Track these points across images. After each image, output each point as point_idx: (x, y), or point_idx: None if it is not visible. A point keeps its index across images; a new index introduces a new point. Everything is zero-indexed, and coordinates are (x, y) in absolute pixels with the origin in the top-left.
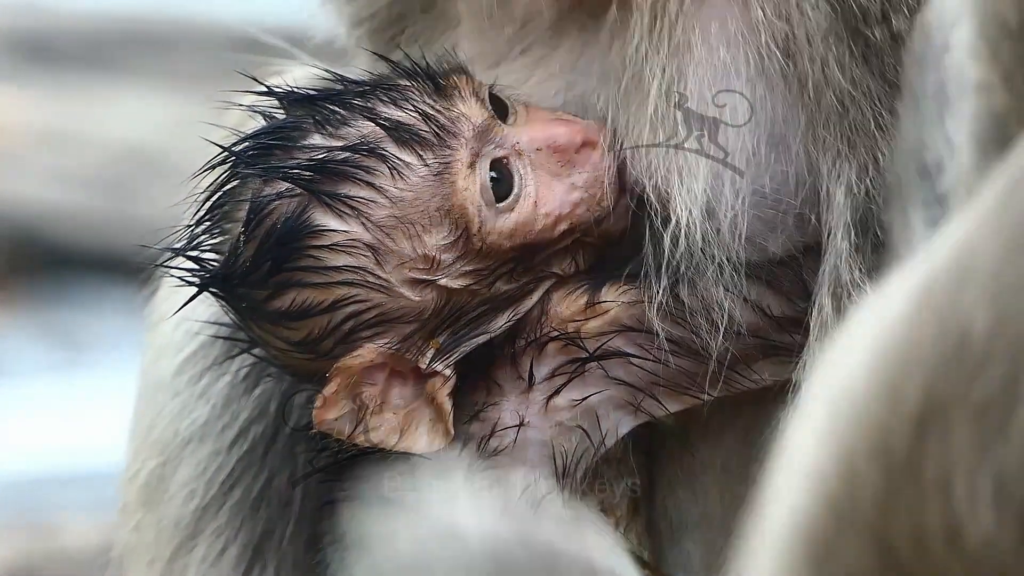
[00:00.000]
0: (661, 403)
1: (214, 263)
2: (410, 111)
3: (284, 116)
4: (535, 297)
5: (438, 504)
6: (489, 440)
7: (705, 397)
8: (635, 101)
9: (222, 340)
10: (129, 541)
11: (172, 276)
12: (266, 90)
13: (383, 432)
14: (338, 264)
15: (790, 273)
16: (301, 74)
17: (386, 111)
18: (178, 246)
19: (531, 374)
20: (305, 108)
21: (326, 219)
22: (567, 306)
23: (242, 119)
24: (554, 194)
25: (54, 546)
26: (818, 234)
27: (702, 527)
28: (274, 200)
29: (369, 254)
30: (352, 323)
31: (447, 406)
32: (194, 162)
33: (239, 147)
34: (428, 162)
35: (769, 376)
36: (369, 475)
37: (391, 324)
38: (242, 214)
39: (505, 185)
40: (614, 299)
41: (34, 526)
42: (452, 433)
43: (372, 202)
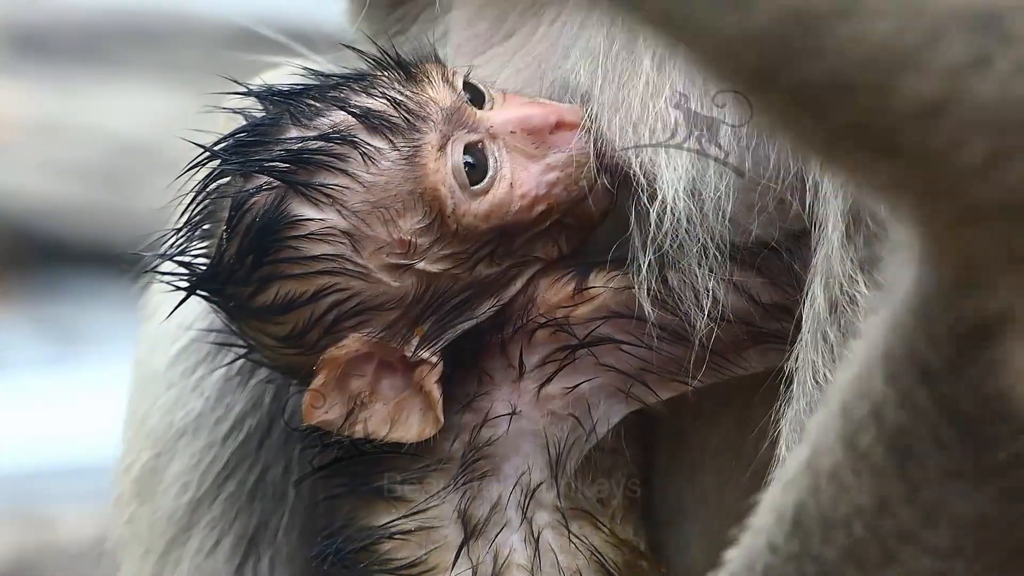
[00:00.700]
0: (652, 389)
1: (201, 265)
2: (379, 98)
3: (263, 114)
4: (520, 283)
5: None
6: (481, 430)
7: (695, 383)
8: (623, 75)
9: (216, 333)
10: (123, 533)
11: (161, 281)
12: (246, 90)
13: (373, 423)
14: (317, 253)
15: (779, 260)
16: (289, 72)
17: (357, 100)
18: (165, 250)
19: (521, 362)
20: (282, 104)
21: (303, 209)
22: (555, 292)
23: (227, 120)
24: (530, 175)
25: (48, 538)
26: (802, 221)
27: (699, 511)
28: (253, 195)
29: (346, 241)
30: (335, 313)
31: (436, 393)
32: (190, 157)
33: (220, 146)
34: (398, 146)
35: (758, 364)
36: (363, 465)
37: (373, 312)
38: (226, 213)
39: (480, 168)
40: (602, 285)
41: (28, 519)
42: (442, 421)
43: (347, 189)
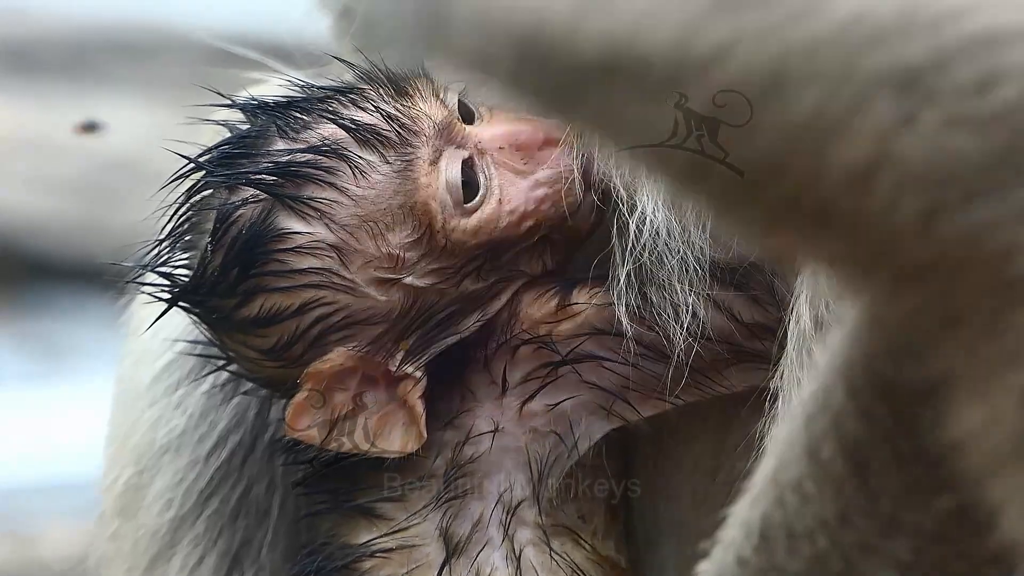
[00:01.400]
0: (633, 407)
1: (184, 277)
2: (371, 111)
3: (249, 126)
4: (504, 298)
5: None
6: (464, 447)
7: (676, 401)
8: None
9: (199, 348)
10: (106, 550)
11: (143, 292)
12: (230, 102)
13: (356, 437)
14: (303, 267)
15: (761, 278)
16: (275, 86)
17: (347, 112)
18: (149, 262)
19: (504, 379)
20: (268, 116)
21: (290, 222)
22: (538, 308)
23: (213, 134)
24: (518, 191)
25: (31, 555)
26: None
27: (677, 529)
28: (239, 207)
29: (334, 255)
30: (320, 327)
31: (419, 408)
32: (173, 171)
33: (205, 158)
34: (390, 160)
35: (740, 382)
36: (345, 482)
37: (359, 326)
38: (210, 225)
39: (471, 185)
40: (585, 301)
41: (11, 535)
42: (425, 436)
43: (335, 202)
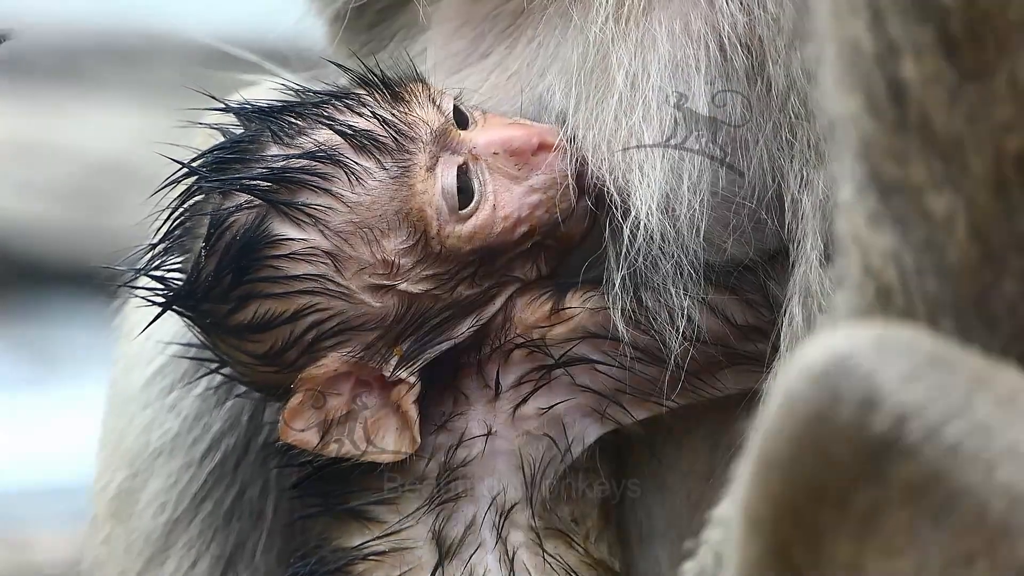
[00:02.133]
0: (627, 410)
1: (177, 281)
2: (368, 117)
3: (242, 130)
4: (498, 303)
5: None
6: (456, 450)
7: (670, 404)
8: (597, 93)
9: (192, 352)
10: (99, 554)
11: (137, 296)
12: (224, 107)
13: (350, 442)
14: (298, 273)
15: (754, 281)
16: (266, 89)
17: (343, 118)
18: (142, 266)
19: (497, 382)
20: (262, 121)
21: (284, 228)
22: (531, 312)
23: (205, 137)
24: (512, 197)
25: (24, 559)
26: (779, 240)
27: (670, 532)
28: (233, 213)
29: (328, 261)
30: (315, 332)
31: (413, 413)
32: (166, 175)
33: (198, 163)
34: (387, 166)
35: (733, 385)
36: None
37: (354, 332)
38: (204, 230)
39: (466, 191)
40: (579, 305)
41: (4, 540)
42: (418, 441)
43: (330, 209)
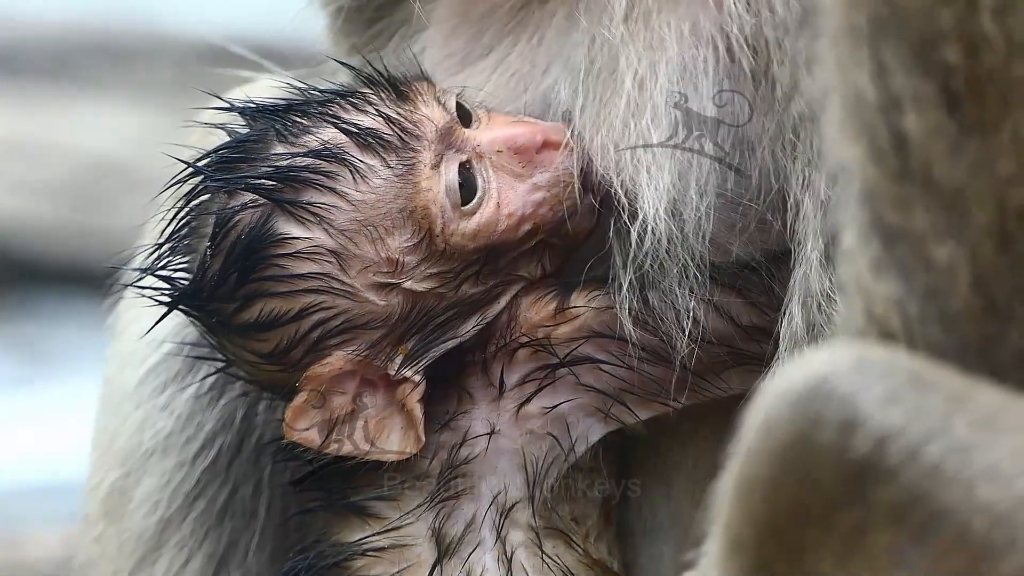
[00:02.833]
0: (631, 410)
1: (182, 280)
2: (373, 115)
3: (247, 129)
4: (503, 301)
5: None
6: (460, 449)
7: (675, 404)
8: (605, 94)
9: (186, 351)
10: (91, 553)
11: (142, 296)
12: (228, 105)
13: (354, 441)
14: (303, 271)
15: (759, 281)
16: (264, 86)
17: (348, 116)
18: (146, 265)
19: (502, 381)
20: (267, 119)
21: (289, 227)
22: (536, 311)
23: (205, 135)
24: (516, 195)
25: (16, 558)
26: (783, 240)
27: (674, 530)
28: (238, 212)
29: (333, 260)
30: (320, 331)
31: (417, 412)
32: (161, 174)
33: (203, 162)
34: (391, 164)
35: (738, 385)
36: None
37: (358, 330)
38: (209, 229)
39: (469, 188)
40: (584, 304)
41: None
42: (423, 440)
43: (334, 207)
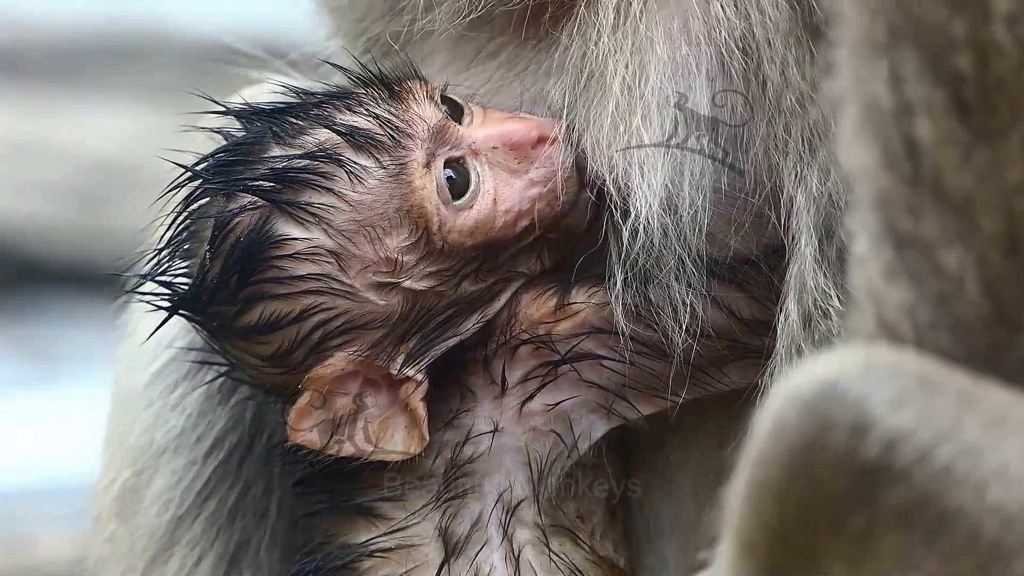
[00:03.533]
0: (633, 406)
1: (183, 285)
2: (365, 116)
3: (244, 132)
4: (503, 298)
5: None
6: (463, 447)
7: (676, 399)
8: (595, 98)
9: (196, 351)
10: (103, 552)
11: (143, 302)
12: (224, 110)
13: (357, 441)
14: (302, 273)
15: (760, 275)
16: (264, 89)
17: (341, 117)
18: (146, 271)
19: (504, 378)
20: (263, 122)
21: (288, 228)
22: (537, 308)
23: (208, 139)
24: (513, 190)
25: (27, 558)
26: (780, 235)
27: (677, 528)
28: (237, 214)
29: (332, 260)
30: (321, 332)
31: (421, 411)
32: (166, 175)
33: (200, 166)
34: (385, 164)
35: (739, 379)
36: (344, 482)
37: (359, 331)
38: (208, 233)
39: (462, 183)
40: (584, 300)
41: (6, 539)
42: (427, 439)
43: (332, 208)
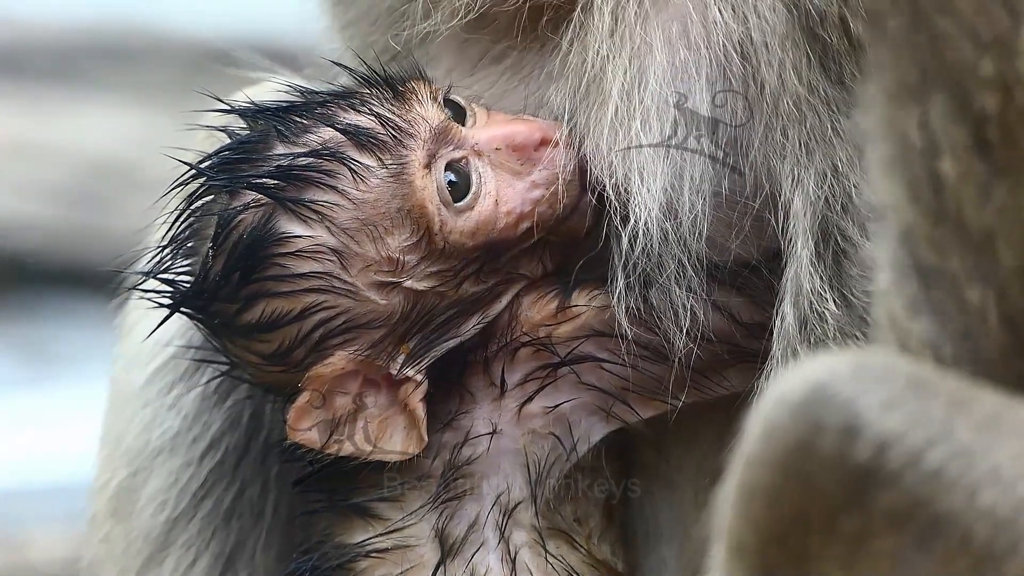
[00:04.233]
0: (633, 409)
1: (185, 283)
2: (368, 115)
3: (248, 131)
4: (504, 300)
5: None
6: (462, 448)
7: (676, 402)
8: (595, 102)
9: (193, 351)
10: (98, 552)
11: (145, 299)
12: (229, 108)
13: (356, 440)
14: (304, 271)
15: (760, 279)
16: (266, 88)
17: (345, 117)
18: (149, 267)
19: (503, 380)
20: (268, 121)
21: (291, 226)
22: (538, 310)
23: (209, 137)
24: (515, 192)
25: (21, 559)
26: (778, 239)
27: (677, 532)
28: (240, 212)
29: (334, 259)
30: (322, 331)
31: (420, 412)
32: (164, 175)
33: (205, 164)
34: (386, 164)
35: (739, 382)
36: (341, 482)
37: (360, 330)
38: (211, 231)
39: (463, 185)
40: (585, 303)
41: (1, 539)
42: (426, 440)
43: (336, 205)
